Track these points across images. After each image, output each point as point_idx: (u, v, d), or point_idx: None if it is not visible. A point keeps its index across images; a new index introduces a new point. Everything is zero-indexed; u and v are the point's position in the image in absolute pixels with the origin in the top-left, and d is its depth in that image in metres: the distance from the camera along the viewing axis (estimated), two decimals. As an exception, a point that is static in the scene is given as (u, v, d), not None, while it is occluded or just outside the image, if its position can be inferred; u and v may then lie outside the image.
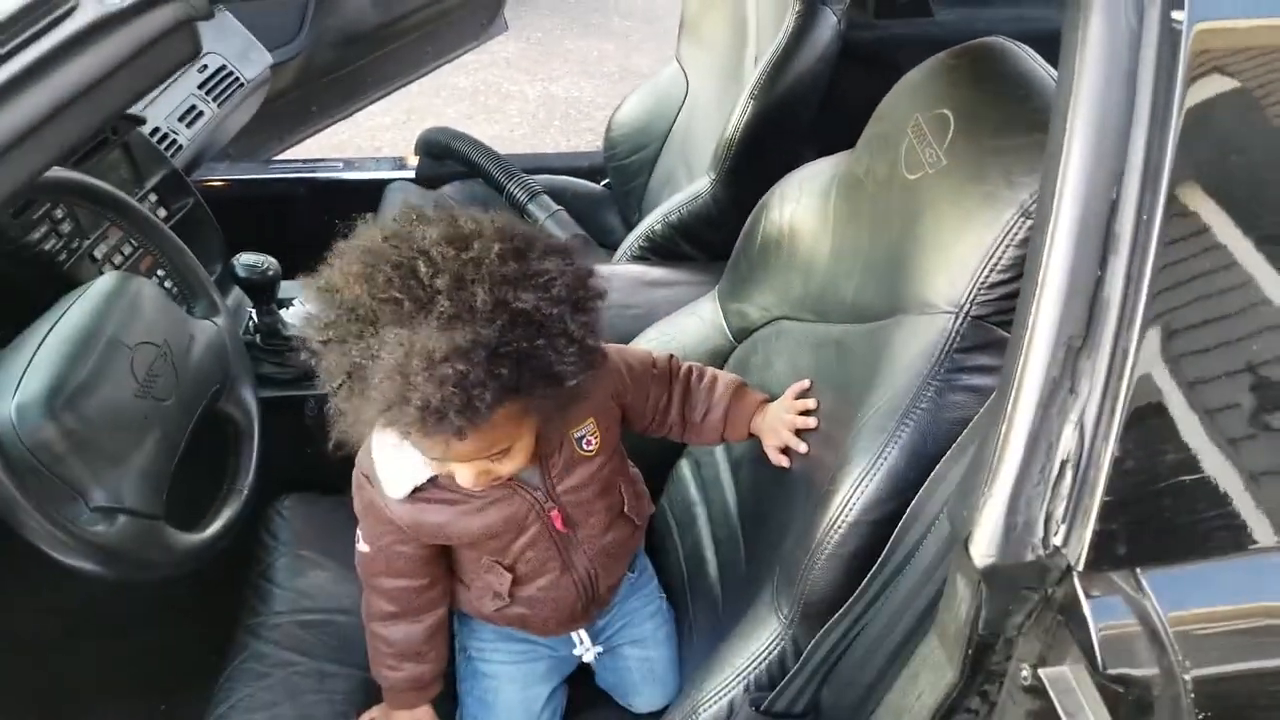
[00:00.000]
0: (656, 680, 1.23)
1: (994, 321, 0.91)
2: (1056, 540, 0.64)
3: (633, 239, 1.85)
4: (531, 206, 2.11)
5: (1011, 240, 0.87)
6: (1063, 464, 0.64)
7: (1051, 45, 0.72)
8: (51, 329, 1.01)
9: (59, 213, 1.27)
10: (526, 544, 1.07)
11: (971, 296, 0.90)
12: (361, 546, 1.09)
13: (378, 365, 0.80)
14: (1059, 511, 0.64)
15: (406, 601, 1.10)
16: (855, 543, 0.88)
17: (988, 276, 0.89)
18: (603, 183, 2.37)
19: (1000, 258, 0.88)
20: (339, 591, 1.30)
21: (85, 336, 1.02)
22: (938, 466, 0.84)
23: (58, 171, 1.12)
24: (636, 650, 1.24)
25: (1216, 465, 0.65)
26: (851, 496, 0.88)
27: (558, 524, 1.06)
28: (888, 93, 1.12)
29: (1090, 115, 0.63)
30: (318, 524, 1.39)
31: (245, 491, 1.18)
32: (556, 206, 2.11)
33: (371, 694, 1.21)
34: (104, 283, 1.10)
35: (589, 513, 1.09)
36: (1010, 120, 0.92)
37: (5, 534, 0.94)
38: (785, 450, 1.10)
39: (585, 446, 1.05)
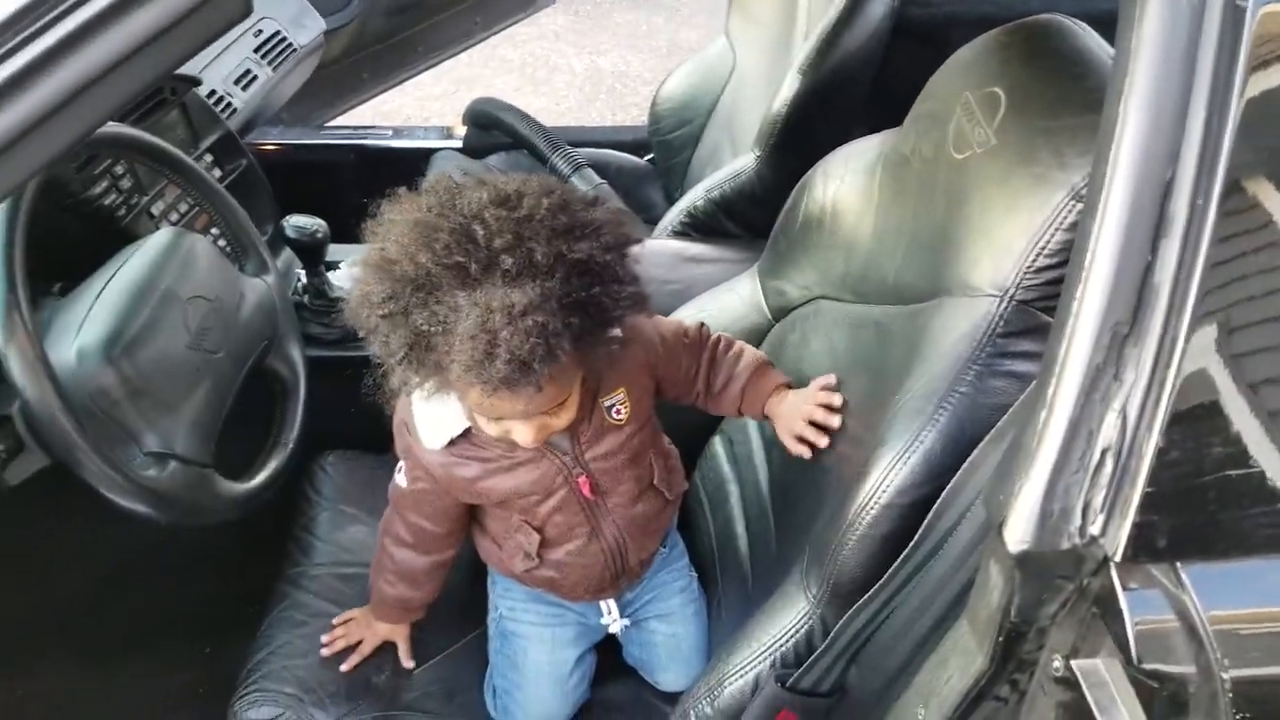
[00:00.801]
0: (682, 659, 1.24)
1: (1039, 307, 0.90)
2: (1094, 530, 0.64)
3: (674, 214, 1.85)
4: (575, 179, 2.12)
5: (1060, 224, 0.86)
6: (1104, 452, 0.63)
7: (1113, 27, 0.71)
8: (110, 280, 1.04)
9: (119, 169, 1.30)
10: (555, 507, 1.09)
11: (1017, 280, 0.89)
12: (399, 479, 1.14)
13: (455, 329, 0.83)
14: (1098, 500, 0.64)
15: (421, 538, 1.16)
16: (888, 525, 0.88)
17: (1034, 260, 0.88)
18: (646, 157, 2.37)
19: (1048, 241, 0.87)
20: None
21: (142, 288, 1.04)
22: (975, 451, 0.84)
23: (121, 128, 1.14)
24: (663, 626, 1.25)
25: (1266, 462, 0.64)
26: (886, 478, 0.88)
27: (585, 490, 1.08)
28: (938, 71, 1.11)
29: (1147, 92, 0.61)
30: (359, 481, 1.42)
31: (290, 445, 1.21)
32: (600, 180, 2.12)
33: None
34: (160, 237, 1.13)
35: (617, 481, 1.10)
36: (1064, 100, 0.91)
37: (61, 480, 0.97)
38: (802, 440, 1.10)
39: (615, 415, 1.07)
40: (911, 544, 0.86)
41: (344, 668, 1.19)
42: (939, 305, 0.97)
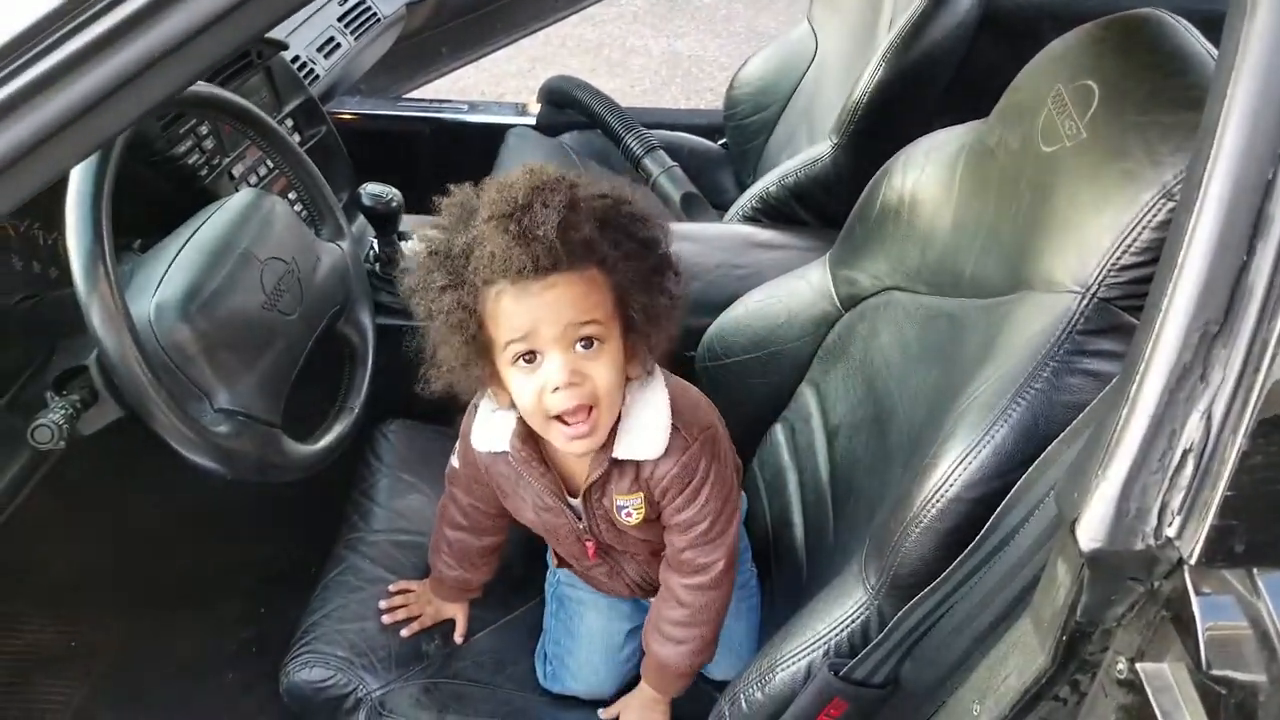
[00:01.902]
0: (732, 651, 1.23)
1: (1121, 306, 0.87)
2: (1170, 531, 0.62)
3: (746, 199, 1.83)
4: (647, 161, 2.11)
5: (1149, 222, 0.83)
6: (1185, 453, 0.61)
7: (1215, 29, 0.68)
8: (190, 238, 1.06)
9: (204, 129, 1.33)
10: (571, 549, 1.15)
11: (1100, 278, 0.87)
12: (454, 461, 1.17)
13: (486, 224, 0.91)
14: (1175, 502, 0.62)
15: (474, 519, 1.20)
16: (953, 519, 0.87)
17: (1120, 258, 0.86)
18: (720, 142, 2.35)
19: (1135, 239, 0.84)
20: (433, 514, 1.35)
21: (221, 247, 1.07)
22: (1048, 449, 0.82)
23: (209, 88, 1.17)
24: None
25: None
26: (954, 471, 0.86)
27: (590, 553, 1.13)
28: (1024, 66, 1.08)
29: (1251, 90, 0.59)
30: (419, 450, 1.44)
31: (356, 410, 1.23)
32: (671, 162, 2.11)
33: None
34: (241, 198, 1.15)
35: (628, 548, 1.15)
36: (1160, 95, 0.88)
37: (127, 435, 1.00)
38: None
39: (624, 516, 1.08)
40: (977, 539, 0.84)
41: (404, 633, 1.22)
42: (1018, 300, 0.95)
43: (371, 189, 1.44)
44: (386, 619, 1.22)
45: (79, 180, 0.91)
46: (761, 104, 2.15)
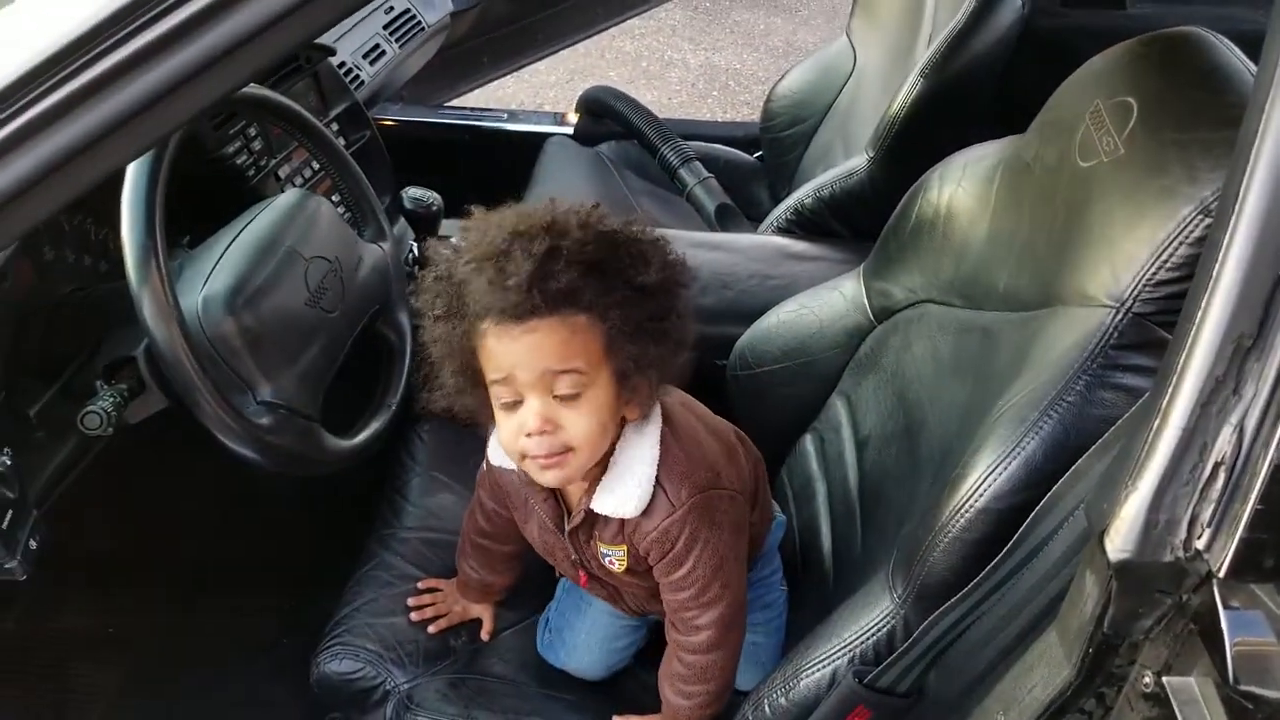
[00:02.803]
0: (759, 665, 1.22)
1: (1155, 321, 0.87)
2: (1199, 544, 0.62)
3: (781, 211, 1.84)
4: (683, 172, 2.13)
5: (1186, 238, 0.84)
6: (1216, 466, 0.62)
7: (1256, 46, 0.68)
8: (238, 235, 1.09)
9: (253, 130, 1.37)
10: (568, 572, 1.17)
11: (1135, 293, 0.87)
12: (484, 466, 1.18)
13: (477, 264, 0.90)
14: (1205, 514, 0.62)
15: (497, 525, 1.20)
16: (981, 529, 0.87)
17: (1155, 274, 0.86)
18: (755, 155, 2.36)
19: (1171, 255, 0.85)
20: (463, 516, 1.36)
21: (267, 244, 1.09)
22: (1079, 461, 0.82)
23: (261, 90, 1.20)
24: (746, 635, 1.24)
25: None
26: (983, 482, 0.87)
27: (582, 582, 1.14)
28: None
29: (1290, 106, 0.60)
30: (451, 450, 1.46)
31: (393, 407, 1.25)
32: (707, 174, 2.12)
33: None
34: (288, 197, 1.18)
35: (623, 589, 1.15)
36: (1199, 113, 0.88)
37: (169, 425, 1.03)
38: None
39: (608, 563, 1.08)
40: (1004, 550, 0.84)
41: (431, 629, 1.23)
42: (1051, 314, 0.95)
43: (413, 192, 1.47)
44: (414, 616, 1.24)
45: (134, 177, 0.94)
46: (798, 117, 2.16)
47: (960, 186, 1.21)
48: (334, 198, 1.38)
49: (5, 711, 1.47)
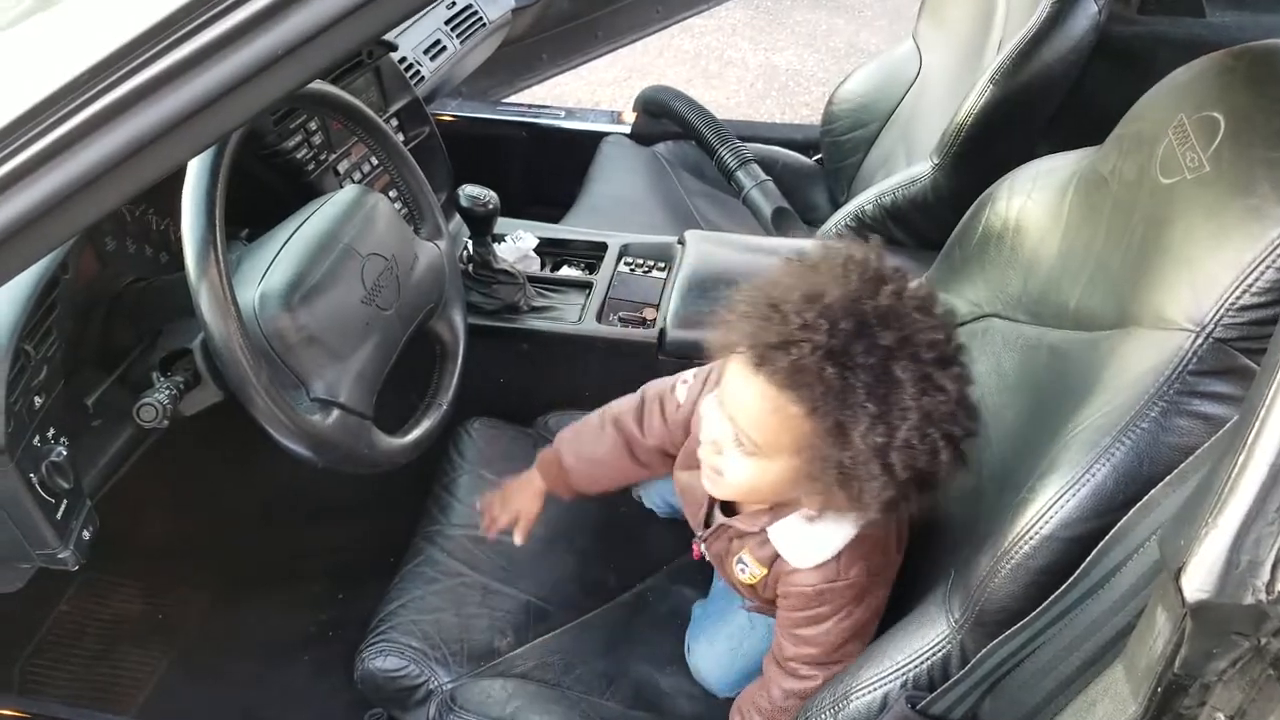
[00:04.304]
0: (715, 646, 1.22)
1: (1238, 347, 0.83)
2: (1284, 588, 0.59)
3: (841, 216, 1.81)
4: (740, 174, 2.11)
5: (1274, 261, 0.79)
6: (1306, 507, 0.58)
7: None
8: (296, 230, 1.09)
9: (313, 125, 1.37)
10: (692, 516, 1.16)
11: (1217, 317, 0.83)
12: (681, 391, 1.17)
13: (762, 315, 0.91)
14: (1292, 557, 0.59)
15: (640, 437, 1.19)
16: (1046, 557, 0.84)
17: (1239, 298, 0.82)
18: (815, 158, 2.33)
19: (1257, 279, 0.80)
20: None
21: (325, 241, 1.09)
22: (1152, 491, 0.78)
23: (324, 86, 1.20)
24: (730, 625, 1.23)
25: None
26: (1050, 509, 0.83)
27: (694, 552, 1.16)
28: (1138, 95, 1.05)
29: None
30: (501, 449, 1.46)
31: (445, 406, 1.24)
32: (764, 176, 2.10)
33: (531, 615, 1.26)
34: (346, 194, 1.17)
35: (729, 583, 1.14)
36: (1292, 131, 0.84)
37: (223, 418, 1.03)
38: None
39: (737, 569, 1.07)
40: (1070, 580, 0.81)
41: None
42: (1125, 335, 0.91)
43: (470, 190, 1.46)
44: (490, 535, 1.25)
45: (196, 172, 0.94)
46: (860, 121, 2.12)
47: (1031, 199, 1.17)
48: (391, 194, 1.38)
49: (57, 691, 1.50)
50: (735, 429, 0.94)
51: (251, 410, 0.95)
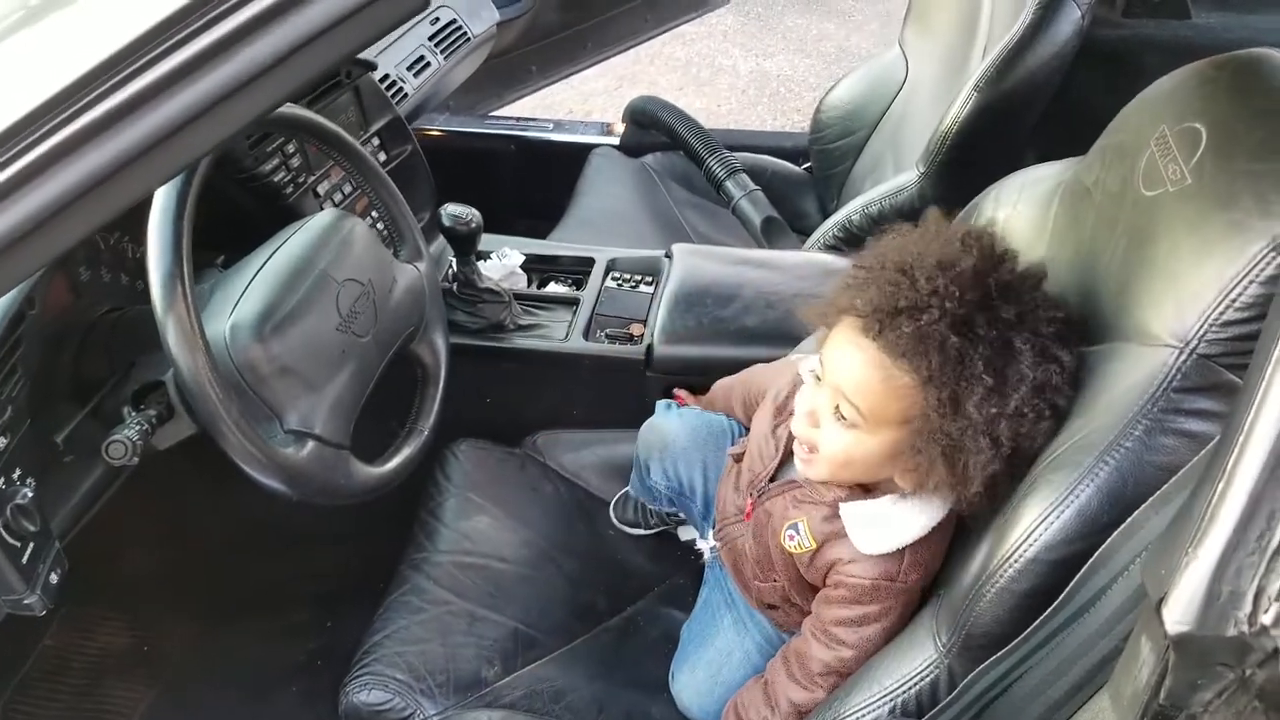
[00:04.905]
0: (695, 674, 1.19)
1: (1222, 363, 0.82)
2: (1266, 619, 0.57)
3: (828, 227, 1.80)
4: (729, 184, 2.10)
5: (1257, 276, 0.78)
6: (1287, 536, 0.57)
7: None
8: (270, 258, 1.07)
9: (290, 148, 1.36)
10: (746, 474, 1.15)
11: (1200, 333, 0.81)
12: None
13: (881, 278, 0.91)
14: (1273, 588, 0.57)
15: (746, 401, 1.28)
16: (1031, 580, 0.82)
17: (1222, 313, 0.80)
18: (804, 165, 2.32)
19: (1240, 294, 0.79)
20: (499, 539, 1.35)
21: (299, 267, 1.08)
22: (1136, 513, 0.77)
23: (296, 109, 1.19)
24: (710, 651, 1.21)
25: None
26: (1034, 531, 0.82)
27: (746, 512, 1.13)
28: (1125, 99, 1.03)
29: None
30: (488, 471, 1.44)
31: (426, 433, 1.23)
32: (753, 186, 2.09)
33: (519, 643, 1.24)
34: (322, 219, 1.16)
35: (751, 568, 1.13)
36: (1273, 142, 0.82)
37: (203, 447, 1.01)
38: None
39: (787, 536, 1.05)
40: (1056, 603, 0.80)
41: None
42: (1110, 351, 0.90)
43: (452, 209, 1.45)
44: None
45: (162, 201, 0.93)
46: (848, 128, 2.11)
47: (1015, 210, 1.16)
48: (372, 215, 1.37)
49: (43, 726, 1.48)
50: (837, 398, 0.93)
51: (223, 445, 0.93)
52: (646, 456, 1.32)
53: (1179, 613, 0.59)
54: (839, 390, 0.92)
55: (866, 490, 1.01)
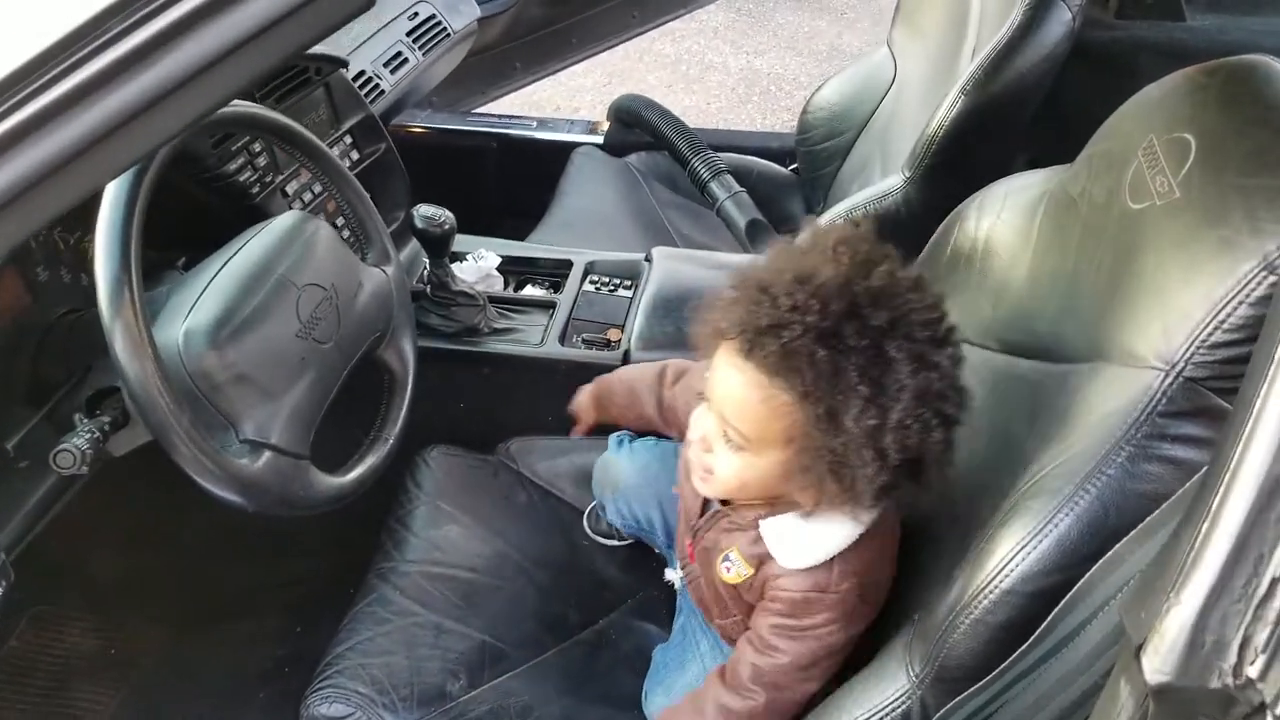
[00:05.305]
0: (670, 698, 1.15)
1: (1210, 387, 0.78)
2: (1251, 671, 0.54)
3: (813, 232, 1.76)
4: (713, 185, 2.06)
5: (1247, 296, 0.75)
6: (1274, 582, 0.54)
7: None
8: (228, 262, 1.04)
9: (257, 147, 1.32)
10: (686, 512, 1.11)
11: (1188, 355, 0.78)
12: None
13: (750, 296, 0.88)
14: (1260, 637, 0.54)
15: (662, 405, 1.21)
16: (1007, 612, 0.79)
17: (1211, 334, 0.77)
18: (791, 167, 2.29)
19: (1230, 315, 0.76)
20: (469, 549, 1.31)
21: (258, 271, 1.04)
22: (1118, 545, 0.74)
23: (256, 108, 1.15)
24: (688, 675, 1.17)
25: None
26: (1010, 561, 0.79)
27: (689, 552, 1.09)
28: (1118, 103, 1.00)
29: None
30: (460, 478, 1.40)
31: (391, 441, 1.19)
32: (739, 188, 2.05)
33: (486, 656, 1.21)
34: (284, 221, 1.12)
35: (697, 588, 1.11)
36: (1265, 154, 0.79)
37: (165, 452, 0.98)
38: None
39: (722, 566, 1.03)
40: (1033, 637, 0.77)
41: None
42: (1093, 371, 0.87)
43: (424, 211, 1.41)
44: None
45: (112, 201, 0.89)
46: (836, 129, 2.08)
47: (1000, 219, 1.12)
48: (340, 220, 1.33)
49: (5, 729, 1.45)
50: (723, 423, 0.91)
51: (174, 456, 0.90)
52: (600, 495, 1.31)
53: (1159, 661, 0.56)
54: (722, 414, 0.91)
55: (783, 502, 0.98)
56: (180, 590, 1.58)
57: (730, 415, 0.90)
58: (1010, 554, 0.79)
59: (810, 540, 0.95)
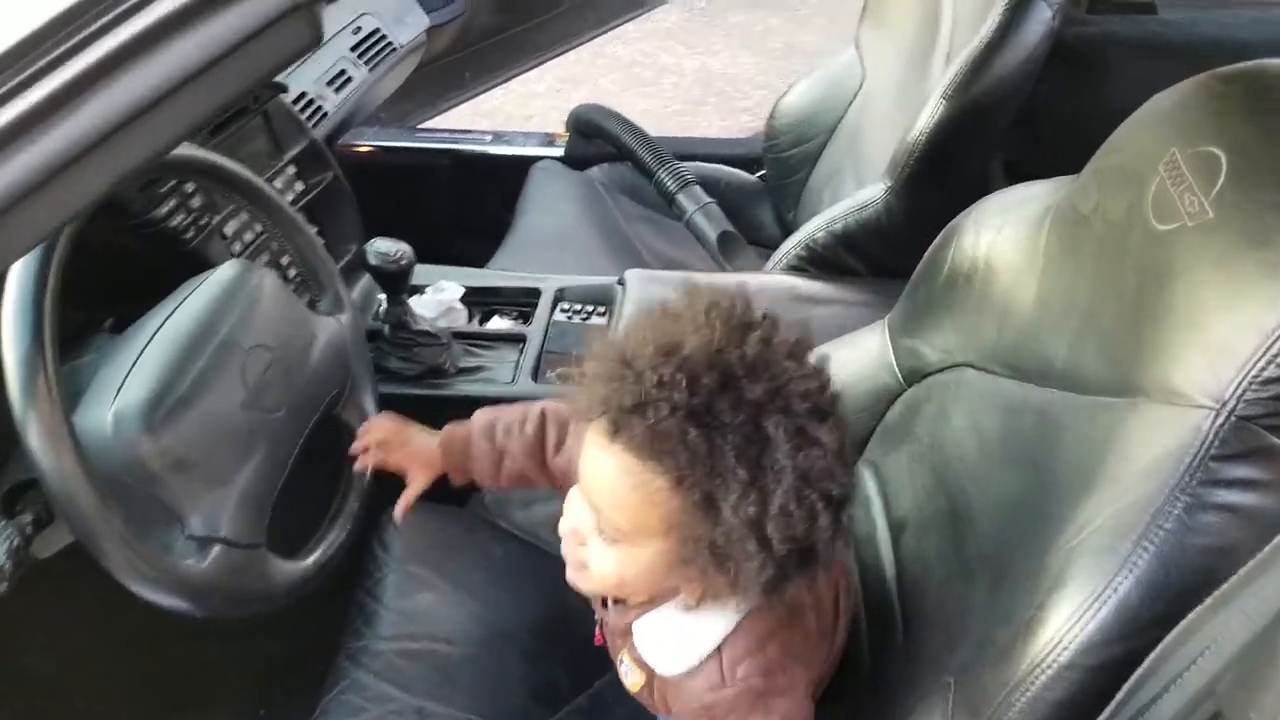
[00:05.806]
0: None
1: (1265, 425, 0.72)
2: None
3: (789, 247, 1.68)
4: (681, 197, 1.97)
5: (1301, 326, 0.68)
6: None
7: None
8: (163, 325, 0.92)
9: (190, 186, 1.20)
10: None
11: (1239, 392, 0.71)
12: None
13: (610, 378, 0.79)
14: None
15: (546, 448, 1.08)
16: (1066, 689, 0.71)
17: (1263, 369, 0.71)
18: (759, 174, 2.21)
19: (1283, 347, 0.69)
20: (446, 617, 1.21)
21: (197, 335, 0.93)
22: (1192, 615, 0.66)
23: (188, 150, 1.03)
24: None
25: None
26: (1068, 632, 0.71)
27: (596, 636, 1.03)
28: (1092, 99, 0.94)
29: None
30: (430, 537, 1.30)
31: (356, 510, 1.09)
32: (708, 199, 1.96)
33: (471, 735, 1.11)
34: (224, 273, 1.01)
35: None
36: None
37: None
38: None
39: (621, 670, 0.96)
40: (1103, 717, 0.69)
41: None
42: (1132, 408, 0.79)
43: (379, 246, 1.31)
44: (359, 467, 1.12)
45: (18, 277, 0.78)
46: (804, 136, 2.00)
47: (1000, 234, 1.06)
48: (284, 260, 1.22)
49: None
50: (596, 513, 0.82)
51: (104, 563, 0.79)
52: None
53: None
54: (594, 504, 0.82)
55: (665, 596, 0.89)
56: (135, 679, 1.45)
57: (604, 505, 0.81)
58: (1068, 623, 0.71)
59: (684, 638, 0.87)
